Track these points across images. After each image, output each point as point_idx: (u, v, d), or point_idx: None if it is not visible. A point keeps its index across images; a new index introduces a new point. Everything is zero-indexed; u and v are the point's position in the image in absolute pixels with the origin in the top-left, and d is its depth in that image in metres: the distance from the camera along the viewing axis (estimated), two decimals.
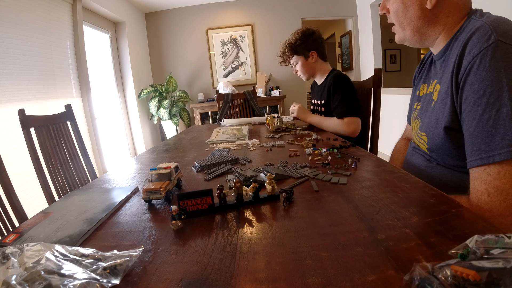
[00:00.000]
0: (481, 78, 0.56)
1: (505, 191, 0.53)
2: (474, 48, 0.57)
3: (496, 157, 0.53)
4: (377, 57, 3.78)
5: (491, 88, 0.54)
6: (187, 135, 1.69)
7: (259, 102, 3.32)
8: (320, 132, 1.40)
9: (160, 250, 0.44)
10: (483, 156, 0.55)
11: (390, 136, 1.37)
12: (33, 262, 0.36)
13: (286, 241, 0.43)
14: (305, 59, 1.60)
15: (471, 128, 0.58)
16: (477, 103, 0.56)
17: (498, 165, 0.54)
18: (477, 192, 0.57)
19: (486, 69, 0.55)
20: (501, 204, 0.53)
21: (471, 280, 0.27)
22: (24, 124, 1.18)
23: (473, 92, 0.57)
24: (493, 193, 0.54)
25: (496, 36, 0.55)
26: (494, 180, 0.54)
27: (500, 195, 0.54)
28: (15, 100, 1.98)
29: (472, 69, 0.57)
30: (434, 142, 0.71)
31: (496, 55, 0.54)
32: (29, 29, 2.17)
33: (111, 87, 3.51)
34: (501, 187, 0.53)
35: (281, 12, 4.14)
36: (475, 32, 0.58)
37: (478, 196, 0.57)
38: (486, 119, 0.55)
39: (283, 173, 0.74)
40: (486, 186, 0.55)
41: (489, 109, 0.54)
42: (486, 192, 0.55)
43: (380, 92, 1.51)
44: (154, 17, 4.20)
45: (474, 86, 0.57)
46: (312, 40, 1.57)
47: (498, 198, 0.54)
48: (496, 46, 0.54)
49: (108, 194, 0.71)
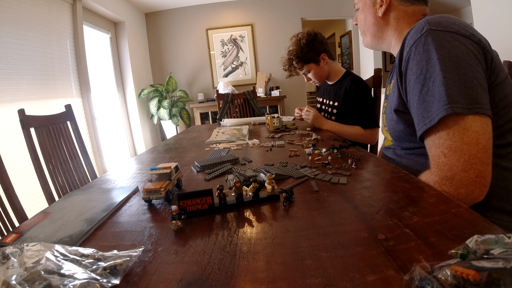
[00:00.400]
0: (417, 61, 0.63)
1: (458, 148, 0.57)
2: (410, 40, 0.66)
3: (435, 118, 0.59)
4: (377, 57, 3.78)
5: (426, 66, 0.61)
6: (187, 135, 1.69)
7: (259, 102, 3.32)
8: (320, 132, 1.39)
9: (160, 250, 0.44)
10: (426, 121, 0.61)
11: None
12: (33, 262, 0.36)
13: (286, 241, 0.43)
14: (317, 65, 1.51)
15: (415, 103, 0.65)
16: (416, 80, 0.64)
17: (444, 126, 0.59)
18: (435, 157, 0.62)
19: (420, 53, 0.63)
20: (458, 160, 0.57)
21: (471, 280, 0.27)
22: (24, 124, 1.18)
23: (413, 74, 0.65)
24: (448, 152, 0.59)
25: (428, 26, 0.63)
26: (445, 141, 0.59)
27: (455, 152, 0.58)
28: (15, 100, 1.98)
29: (410, 57, 0.65)
30: (392, 126, 0.80)
31: (427, 40, 0.62)
32: (29, 29, 2.17)
33: (111, 87, 3.51)
34: (454, 145, 0.58)
35: (281, 12, 4.14)
36: (412, 29, 0.67)
37: (436, 160, 0.61)
38: (426, 92, 0.62)
39: (283, 173, 0.74)
40: (441, 148, 0.60)
41: (427, 82, 0.61)
42: (442, 154, 0.60)
43: (380, 92, 1.51)
44: (154, 17, 4.20)
45: (413, 69, 0.65)
46: (318, 43, 1.48)
47: (454, 155, 0.58)
48: (428, 33, 0.62)
49: (108, 194, 0.71)
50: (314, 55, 1.48)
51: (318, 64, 1.50)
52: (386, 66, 5.74)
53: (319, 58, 1.49)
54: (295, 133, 1.41)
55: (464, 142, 0.57)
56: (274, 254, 0.40)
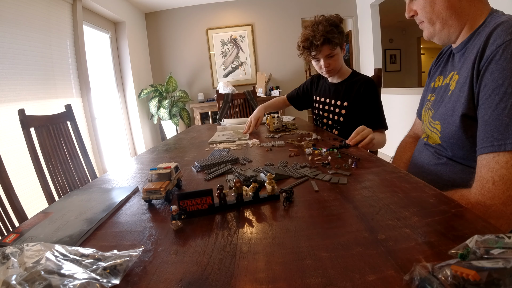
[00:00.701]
0: (501, 68, 0.57)
1: (510, 180, 0.54)
2: (498, 39, 0.58)
3: (508, 146, 0.55)
4: (377, 57, 3.77)
5: (511, 78, 0.55)
6: (187, 135, 1.69)
7: (259, 102, 3.30)
8: (320, 132, 1.39)
9: (160, 250, 0.44)
10: (495, 143, 0.57)
11: (390, 136, 1.36)
12: (33, 262, 0.36)
13: (286, 241, 0.43)
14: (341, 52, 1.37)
15: (486, 116, 0.59)
16: (495, 91, 0.58)
17: (508, 154, 0.55)
18: (483, 179, 0.58)
19: (507, 60, 0.56)
20: (504, 193, 0.55)
21: (471, 280, 0.27)
22: (24, 124, 1.18)
23: (493, 81, 0.58)
24: (498, 181, 0.55)
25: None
26: (501, 168, 0.55)
27: (505, 184, 0.55)
28: (15, 100, 1.98)
29: (494, 58, 0.58)
30: (448, 130, 0.72)
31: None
32: (29, 29, 2.17)
33: (111, 87, 3.51)
34: (507, 176, 0.54)
35: (281, 12, 4.14)
36: (500, 25, 0.60)
37: (483, 183, 0.58)
38: (502, 108, 0.56)
39: (283, 173, 0.74)
40: (492, 174, 0.56)
41: (506, 98, 0.56)
42: (492, 180, 0.56)
43: (380, 92, 1.51)
44: (154, 17, 4.20)
45: (494, 75, 0.58)
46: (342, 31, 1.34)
47: (503, 187, 0.55)
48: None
49: (108, 194, 0.71)
50: (342, 40, 1.35)
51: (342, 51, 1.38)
52: (386, 66, 5.74)
53: (343, 47, 1.38)
54: (295, 133, 1.41)
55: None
56: (274, 254, 0.40)
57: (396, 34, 5.59)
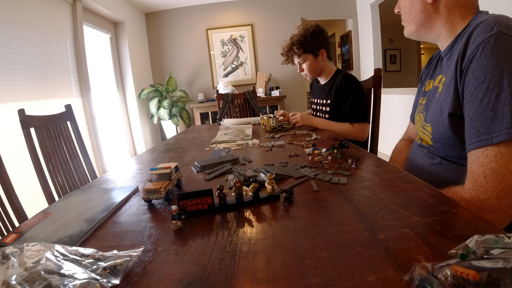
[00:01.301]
0: (482, 65, 0.58)
1: (501, 173, 0.55)
2: (477, 38, 0.60)
3: (494, 139, 0.55)
4: (377, 57, 3.77)
5: (492, 74, 0.57)
6: (187, 135, 1.69)
7: (259, 102, 3.32)
8: (320, 132, 1.40)
9: (160, 250, 0.44)
10: (482, 138, 0.58)
11: (390, 136, 1.37)
12: (33, 262, 0.36)
13: (286, 241, 0.43)
14: (314, 58, 1.54)
15: (471, 113, 0.61)
16: (478, 88, 0.59)
17: (495, 147, 0.56)
18: (474, 175, 0.59)
19: (488, 57, 0.58)
20: (496, 186, 0.55)
21: (471, 280, 0.27)
22: (24, 124, 1.18)
23: (475, 78, 0.60)
24: (489, 175, 0.56)
25: (498, 27, 0.58)
26: (491, 162, 0.56)
27: (496, 177, 0.55)
28: (15, 100, 1.98)
29: (475, 57, 0.60)
30: (438, 131, 0.73)
31: (497, 44, 0.57)
32: (29, 29, 2.17)
33: (111, 87, 3.51)
34: (498, 169, 0.55)
35: (281, 12, 4.14)
36: (479, 24, 0.62)
37: (475, 179, 0.59)
38: (486, 103, 0.57)
39: (283, 173, 0.74)
40: (483, 169, 0.57)
41: (489, 93, 0.57)
42: (483, 175, 0.57)
43: (380, 92, 1.51)
44: (154, 17, 4.20)
45: (476, 72, 0.60)
46: (323, 38, 1.51)
47: (494, 180, 0.55)
48: (498, 36, 0.57)
49: (108, 194, 0.71)
50: (315, 47, 1.51)
51: (316, 57, 1.54)
52: (386, 66, 5.74)
53: (318, 52, 1.52)
54: (294, 133, 1.41)
55: (508, 169, 0.54)
56: (274, 254, 0.40)
57: (396, 34, 5.59)
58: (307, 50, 1.52)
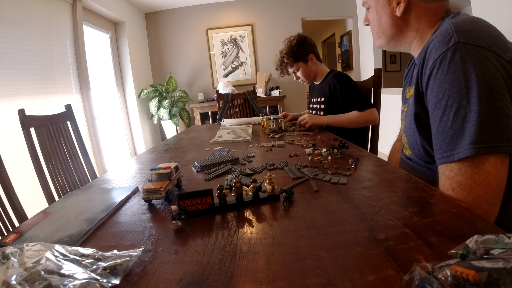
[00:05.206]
0: (440, 82, 0.58)
1: (468, 186, 0.55)
2: (435, 52, 0.59)
3: (455, 156, 0.56)
4: (377, 57, 3.77)
5: (450, 91, 0.56)
6: (187, 135, 1.69)
7: (259, 102, 3.31)
8: (320, 132, 1.40)
9: (160, 250, 0.44)
10: (444, 155, 0.58)
11: (390, 136, 1.36)
12: (33, 262, 0.36)
13: (286, 241, 0.43)
14: (305, 64, 1.66)
15: (433, 129, 0.61)
16: (437, 105, 0.59)
17: (459, 162, 0.56)
18: (443, 187, 0.60)
19: (444, 73, 0.56)
20: (466, 198, 0.55)
21: (471, 280, 0.27)
22: (24, 124, 1.18)
23: (434, 96, 0.59)
24: (457, 188, 0.56)
25: (456, 38, 0.56)
26: (456, 176, 0.57)
27: (463, 189, 0.55)
28: (15, 100, 1.98)
29: (433, 73, 0.59)
30: (411, 142, 0.74)
31: (455, 58, 0.55)
32: (29, 29, 2.17)
33: (111, 87, 3.51)
34: (464, 182, 0.55)
35: (281, 12, 4.14)
36: (437, 36, 0.60)
37: (444, 191, 0.59)
38: (445, 121, 0.57)
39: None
40: (450, 181, 0.58)
41: (448, 111, 0.57)
42: (451, 187, 0.58)
43: (380, 92, 1.51)
44: (154, 17, 4.20)
45: (434, 90, 0.59)
46: (307, 44, 1.64)
47: (463, 193, 0.56)
48: (456, 48, 0.55)
49: (108, 194, 0.71)
50: (303, 54, 1.64)
51: (306, 63, 1.66)
52: (386, 66, 5.73)
53: (307, 58, 1.65)
54: (295, 133, 1.41)
55: (474, 181, 0.54)
56: (274, 254, 0.40)
57: None
58: (297, 59, 1.65)
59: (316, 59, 1.67)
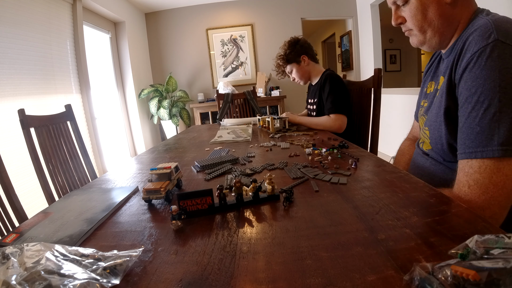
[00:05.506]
0: (475, 76, 0.57)
1: (484, 185, 0.55)
2: (474, 45, 0.58)
3: (478, 154, 0.56)
4: (377, 57, 3.77)
5: (483, 87, 0.56)
6: (187, 135, 1.69)
7: (259, 102, 3.31)
8: (320, 132, 1.40)
9: (160, 250, 0.44)
10: (467, 151, 0.58)
11: (390, 136, 1.37)
12: (33, 262, 0.36)
13: (286, 241, 0.43)
14: (298, 65, 1.71)
15: (460, 123, 0.61)
16: (468, 99, 0.59)
17: (479, 160, 0.56)
18: (459, 183, 0.60)
19: (481, 68, 0.56)
20: (479, 197, 0.55)
21: (471, 280, 0.27)
22: (24, 124, 1.18)
23: (466, 89, 0.59)
24: (473, 185, 0.57)
25: (496, 35, 0.56)
26: (474, 173, 0.57)
27: (479, 188, 0.56)
28: (16, 100, 1.98)
29: (469, 66, 0.59)
30: (435, 136, 0.73)
31: (493, 54, 0.55)
32: (29, 29, 2.16)
33: (111, 87, 3.51)
34: (481, 181, 0.55)
35: (281, 12, 4.14)
36: (477, 29, 0.60)
37: (460, 187, 0.59)
38: (474, 117, 0.57)
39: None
40: (467, 178, 0.58)
41: (478, 107, 0.56)
42: (467, 184, 0.58)
43: (380, 92, 1.51)
44: (154, 17, 4.20)
45: (468, 83, 0.59)
46: (299, 46, 1.69)
47: (478, 191, 0.56)
48: (495, 45, 0.55)
49: (108, 194, 0.71)
50: (296, 55, 1.69)
51: (299, 64, 1.70)
52: (386, 66, 5.73)
53: (299, 59, 1.69)
54: (298, 134, 1.41)
55: (491, 182, 0.54)
56: (274, 254, 0.40)
57: (396, 34, 5.59)
58: (290, 61, 1.71)
59: (311, 60, 1.70)
